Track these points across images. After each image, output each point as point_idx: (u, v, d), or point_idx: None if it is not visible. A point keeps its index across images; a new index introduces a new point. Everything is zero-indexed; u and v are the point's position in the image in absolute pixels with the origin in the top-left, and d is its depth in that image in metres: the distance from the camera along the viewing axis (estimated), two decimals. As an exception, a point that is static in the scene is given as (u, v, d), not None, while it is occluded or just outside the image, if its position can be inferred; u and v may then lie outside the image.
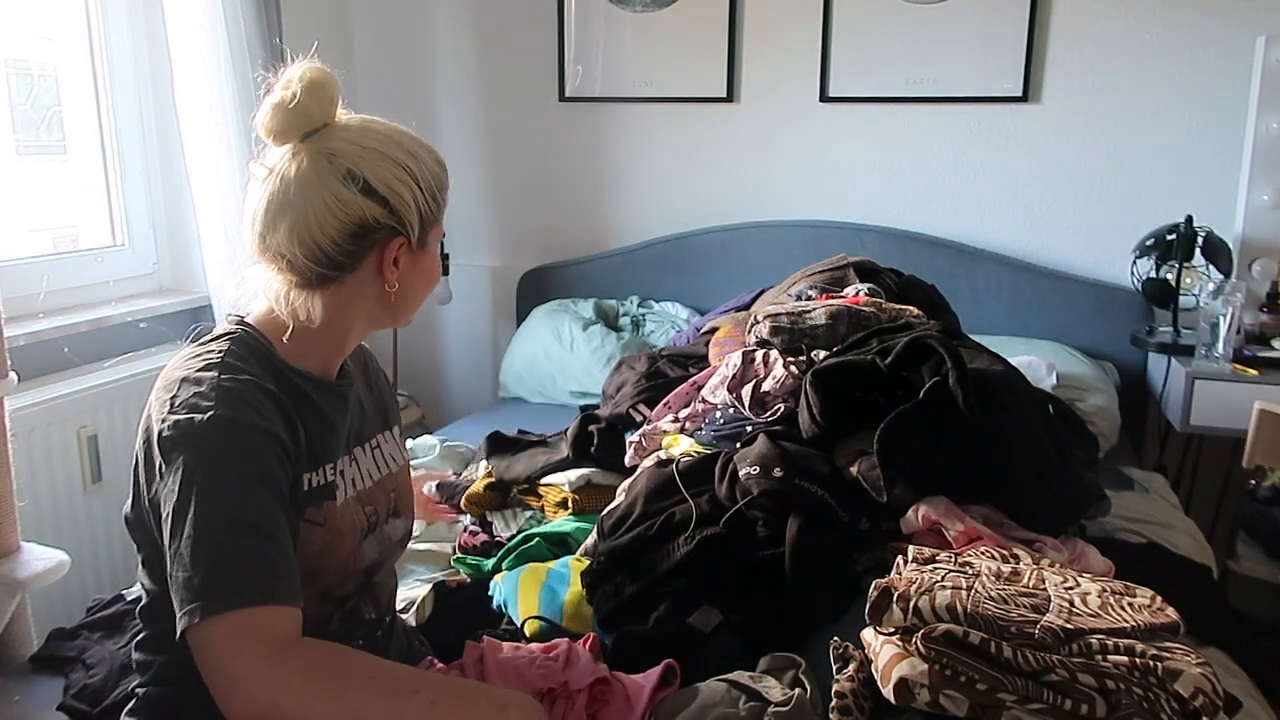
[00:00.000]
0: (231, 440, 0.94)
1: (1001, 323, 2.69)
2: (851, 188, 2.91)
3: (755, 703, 1.08)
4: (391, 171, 1.02)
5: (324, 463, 1.06)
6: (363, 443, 1.17)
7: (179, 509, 0.92)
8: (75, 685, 1.36)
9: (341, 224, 1.01)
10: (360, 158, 1.01)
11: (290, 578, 0.94)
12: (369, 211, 1.01)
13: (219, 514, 0.92)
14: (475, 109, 3.25)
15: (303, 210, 1.00)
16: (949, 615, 0.98)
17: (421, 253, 1.08)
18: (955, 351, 1.37)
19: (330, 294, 1.05)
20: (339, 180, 1.00)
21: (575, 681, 1.11)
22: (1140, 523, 1.86)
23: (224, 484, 0.93)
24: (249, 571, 0.90)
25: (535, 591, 1.38)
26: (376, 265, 1.05)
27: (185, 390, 0.97)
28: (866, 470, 1.34)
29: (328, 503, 1.05)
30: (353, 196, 1.00)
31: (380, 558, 1.15)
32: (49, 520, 2.09)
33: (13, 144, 2.37)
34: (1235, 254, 2.45)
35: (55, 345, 2.23)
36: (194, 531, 0.91)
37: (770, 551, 1.30)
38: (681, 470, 1.47)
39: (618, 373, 2.18)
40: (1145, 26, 2.58)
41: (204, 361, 1.00)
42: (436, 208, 1.08)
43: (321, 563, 1.04)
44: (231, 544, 0.91)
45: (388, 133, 1.05)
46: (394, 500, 1.19)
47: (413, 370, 3.37)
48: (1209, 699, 0.89)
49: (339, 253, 1.02)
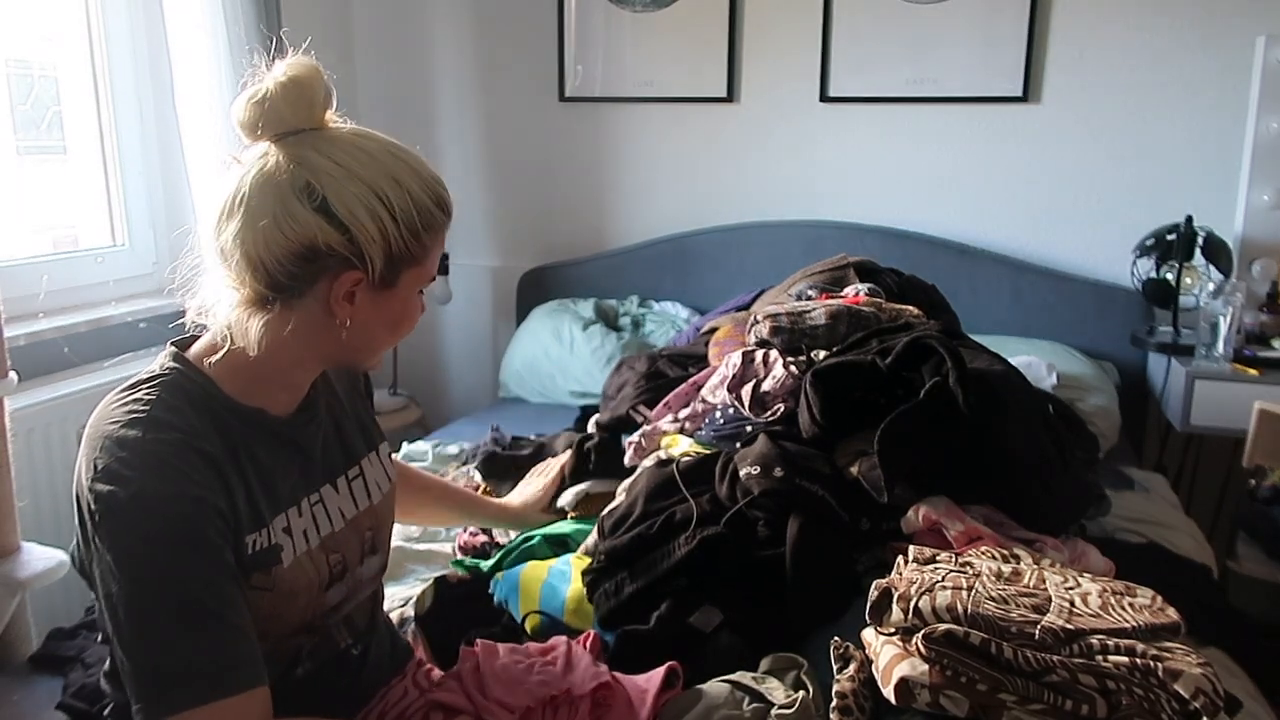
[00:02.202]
0: (159, 518, 0.85)
1: (1001, 323, 2.69)
2: (851, 188, 2.91)
3: (759, 704, 1.07)
4: (360, 196, 0.89)
5: (268, 522, 0.95)
6: (335, 478, 1.07)
7: (114, 595, 0.84)
8: (74, 685, 1.37)
9: (288, 241, 0.88)
10: (327, 173, 0.89)
11: (248, 657, 0.87)
12: (322, 235, 0.88)
13: (156, 601, 0.84)
14: (475, 109, 3.25)
15: (251, 217, 0.89)
16: (949, 615, 0.98)
17: (386, 294, 0.94)
18: (955, 351, 1.37)
19: (273, 320, 0.92)
20: (295, 193, 0.89)
21: (577, 688, 1.09)
22: (1140, 523, 1.86)
23: (156, 567, 0.84)
24: (202, 663, 0.84)
25: (536, 588, 1.38)
26: (326, 296, 0.92)
27: (108, 454, 0.87)
28: (867, 470, 1.34)
29: (275, 567, 0.95)
30: (306, 214, 0.88)
31: (348, 597, 1.07)
32: (49, 520, 2.09)
33: (13, 144, 2.37)
34: (1235, 254, 2.45)
35: (55, 345, 2.23)
36: (133, 623, 0.84)
37: (771, 551, 1.30)
38: (682, 470, 1.47)
39: (618, 373, 2.18)
40: (1145, 26, 2.58)
41: (130, 414, 0.89)
42: (416, 246, 0.93)
43: (271, 624, 0.96)
44: (177, 633, 0.84)
45: (377, 153, 0.92)
46: (369, 539, 1.10)
47: (412, 370, 3.37)
48: (1209, 699, 0.89)
49: (281, 273, 0.90)
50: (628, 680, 1.13)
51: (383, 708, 1.14)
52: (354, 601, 1.10)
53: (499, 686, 1.11)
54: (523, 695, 1.09)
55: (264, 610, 0.94)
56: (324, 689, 1.06)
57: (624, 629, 1.25)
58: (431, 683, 1.18)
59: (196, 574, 0.86)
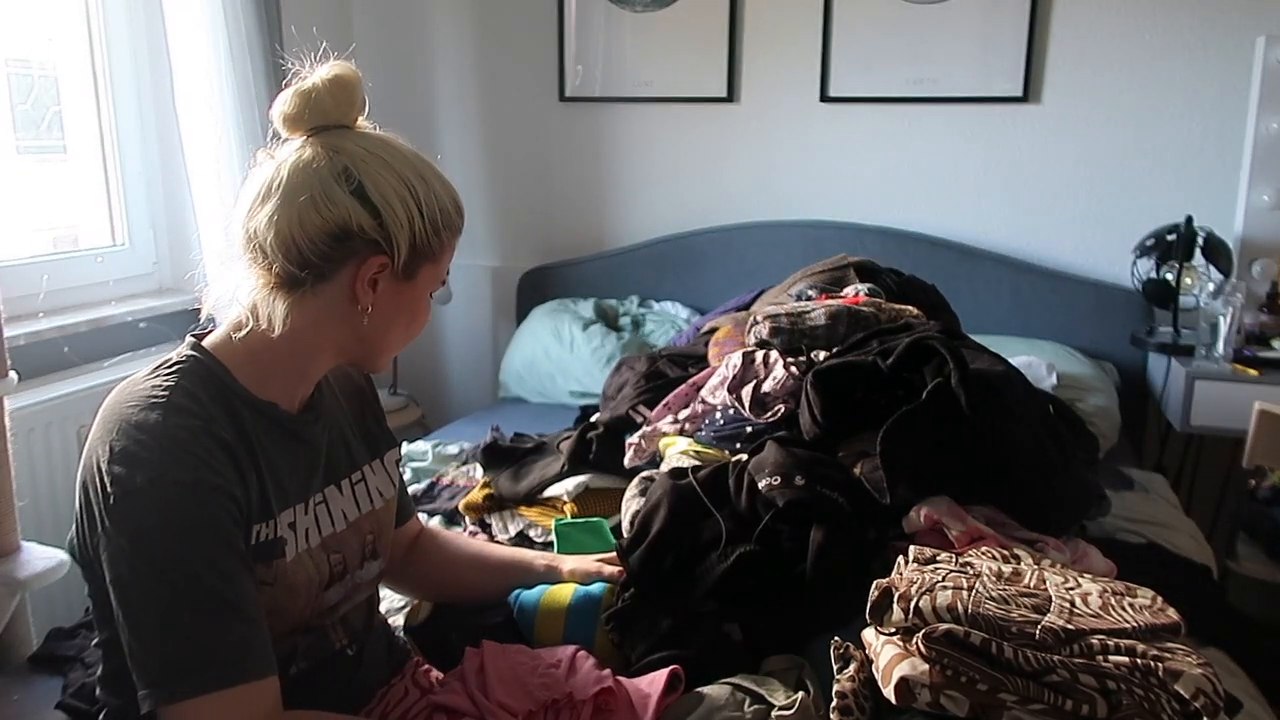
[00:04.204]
0: (178, 504, 0.86)
1: (1001, 323, 2.69)
2: (851, 187, 2.91)
3: (760, 705, 1.07)
4: (392, 184, 0.96)
5: (275, 514, 0.97)
6: (339, 480, 1.08)
7: (124, 579, 0.85)
8: (74, 684, 1.36)
9: (324, 221, 0.93)
10: (364, 160, 0.96)
11: (260, 646, 0.88)
12: (355, 216, 0.94)
13: (171, 588, 0.85)
14: (475, 109, 3.25)
15: (288, 198, 0.94)
16: (950, 615, 0.97)
17: (406, 284, 1.00)
18: (957, 352, 1.37)
19: (297, 301, 0.96)
20: (333, 176, 0.94)
21: (579, 691, 1.09)
22: (1140, 523, 1.86)
23: (170, 551, 0.85)
24: (215, 650, 0.85)
25: (559, 619, 1.27)
26: (351, 280, 0.96)
27: (126, 436, 0.88)
28: (869, 472, 1.34)
29: (277, 560, 0.96)
30: (343, 195, 0.94)
31: (346, 598, 1.08)
32: (49, 520, 2.09)
33: (13, 144, 2.37)
34: (1235, 254, 2.45)
35: (55, 345, 2.23)
36: (147, 606, 0.85)
37: (795, 561, 1.27)
38: (701, 484, 1.39)
39: (617, 374, 2.18)
40: (1145, 26, 2.58)
41: (150, 399, 0.91)
42: (436, 242, 0.99)
43: (272, 620, 0.96)
44: (191, 620, 0.85)
45: (406, 153, 0.99)
46: (370, 543, 1.11)
47: (412, 370, 3.37)
48: (1210, 699, 0.89)
49: (313, 253, 0.94)
50: (630, 684, 1.12)
51: (383, 708, 1.14)
52: (351, 603, 1.11)
53: (501, 688, 1.11)
54: (525, 698, 1.09)
55: (265, 605, 0.95)
56: (319, 688, 1.05)
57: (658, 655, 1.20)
58: (432, 683, 1.18)
59: (210, 560, 0.87)
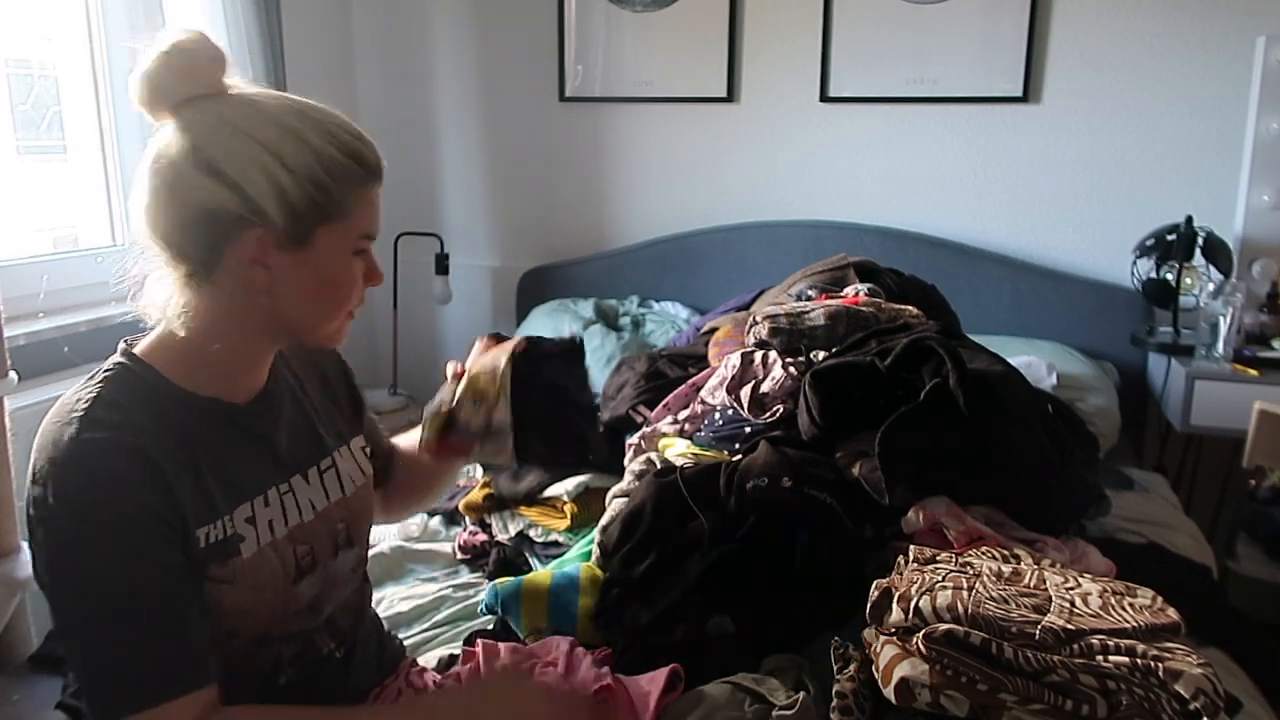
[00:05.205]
0: (85, 520, 0.84)
1: (1001, 323, 2.69)
2: (851, 188, 2.91)
3: (760, 705, 1.07)
4: (247, 151, 0.87)
5: (226, 512, 0.93)
6: (304, 469, 1.04)
7: (52, 597, 0.86)
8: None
9: (185, 209, 0.88)
10: (213, 132, 0.88)
11: (188, 654, 0.86)
12: (213, 195, 0.87)
13: (91, 603, 0.84)
14: (475, 109, 3.25)
15: (152, 192, 0.89)
16: (950, 615, 0.97)
17: (303, 254, 0.91)
18: (955, 352, 1.37)
19: (200, 294, 0.91)
20: (183, 160, 0.87)
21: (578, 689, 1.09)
22: (1140, 523, 1.86)
23: (85, 573, 0.84)
24: (137, 667, 0.83)
25: (543, 600, 1.33)
26: (237, 262, 0.90)
27: (43, 454, 0.87)
28: (868, 472, 1.34)
29: (233, 559, 0.92)
30: (195, 176, 0.87)
31: (324, 593, 1.04)
32: (49, 520, 2.09)
33: (13, 144, 2.37)
34: (1235, 254, 2.45)
35: (55, 345, 2.23)
36: (71, 626, 0.85)
37: (781, 560, 1.28)
38: (687, 481, 1.41)
39: (617, 374, 2.18)
40: (1145, 26, 2.58)
41: (70, 413, 0.89)
42: (325, 200, 0.89)
43: (240, 619, 0.94)
44: (112, 636, 0.83)
45: (272, 109, 0.90)
46: (343, 531, 1.07)
47: (412, 370, 3.37)
48: (1210, 699, 0.89)
49: (189, 243, 0.89)
50: (630, 682, 1.13)
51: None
52: (335, 602, 1.07)
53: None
54: None
55: (228, 605, 0.92)
56: (309, 697, 1.03)
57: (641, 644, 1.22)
58: (426, 684, 1.17)
59: (130, 573, 0.84)
